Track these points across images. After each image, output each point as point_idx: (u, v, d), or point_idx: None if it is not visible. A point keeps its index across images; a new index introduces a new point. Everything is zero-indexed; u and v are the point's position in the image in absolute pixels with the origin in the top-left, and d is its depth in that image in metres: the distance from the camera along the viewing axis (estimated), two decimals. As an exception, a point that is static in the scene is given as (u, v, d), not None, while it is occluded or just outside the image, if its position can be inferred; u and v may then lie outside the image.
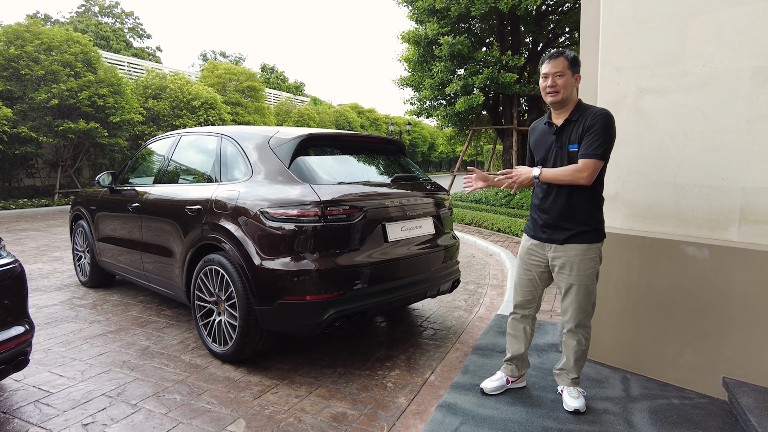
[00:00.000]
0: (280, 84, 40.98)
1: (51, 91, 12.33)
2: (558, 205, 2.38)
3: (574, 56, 2.33)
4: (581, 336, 2.46)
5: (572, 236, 2.36)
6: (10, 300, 2.35)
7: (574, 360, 2.49)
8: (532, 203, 2.56)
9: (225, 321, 3.13)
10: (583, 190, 2.33)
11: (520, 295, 2.64)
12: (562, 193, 2.36)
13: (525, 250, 2.59)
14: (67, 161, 14.02)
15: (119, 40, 34.06)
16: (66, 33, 13.20)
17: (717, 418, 2.37)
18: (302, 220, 2.81)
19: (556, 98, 2.33)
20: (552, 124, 2.44)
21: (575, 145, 2.30)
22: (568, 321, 2.46)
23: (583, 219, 2.35)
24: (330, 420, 2.49)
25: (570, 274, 2.39)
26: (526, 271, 2.59)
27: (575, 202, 2.35)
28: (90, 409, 2.57)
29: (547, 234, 2.44)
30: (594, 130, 2.24)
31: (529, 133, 2.65)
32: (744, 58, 2.45)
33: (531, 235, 2.56)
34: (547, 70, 2.33)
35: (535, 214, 2.53)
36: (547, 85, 2.34)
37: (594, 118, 2.26)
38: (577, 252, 2.36)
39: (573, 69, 2.32)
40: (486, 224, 9.42)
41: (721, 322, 2.54)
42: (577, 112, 2.35)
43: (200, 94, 16.31)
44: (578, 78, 2.36)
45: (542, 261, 2.51)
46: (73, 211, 5.25)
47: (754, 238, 2.49)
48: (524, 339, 2.67)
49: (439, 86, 12.14)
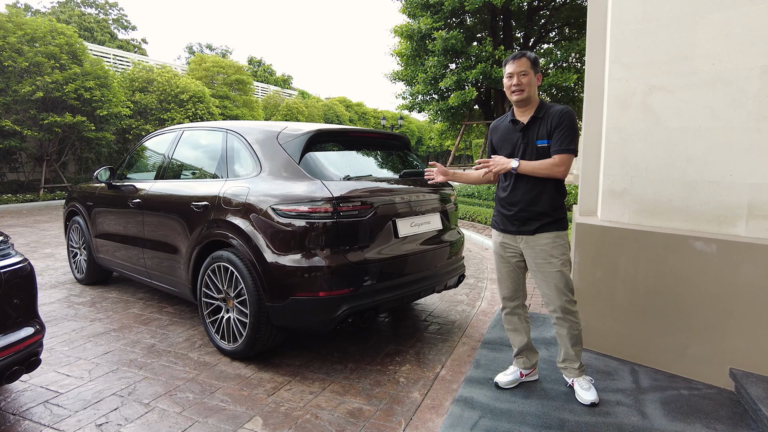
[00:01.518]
0: (267, 77, 40.55)
1: (35, 83, 12.03)
2: (527, 197, 2.47)
3: (535, 57, 2.47)
4: (570, 321, 2.52)
5: (541, 226, 2.47)
6: (20, 300, 2.31)
7: (571, 346, 2.55)
8: (498, 197, 2.65)
9: (234, 318, 3.11)
10: (550, 183, 2.45)
11: (505, 288, 2.73)
12: (529, 185, 2.46)
13: (498, 245, 2.68)
14: (52, 155, 13.71)
15: (103, 32, 33.34)
16: (50, 24, 12.86)
17: (726, 408, 2.44)
18: (314, 216, 2.80)
19: (521, 96, 2.43)
20: (517, 121, 2.53)
21: (544, 141, 2.41)
22: (554, 310, 2.54)
23: (550, 209, 2.47)
24: (347, 416, 2.50)
25: (544, 262, 2.48)
26: (505, 264, 2.68)
27: (543, 194, 2.46)
28: (102, 409, 2.53)
29: (516, 226, 2.54)
30: (563, 126, 2.37)
31: (490, 132, 2.74)
32: (753, 56, 2.49)
33: (501, 230, 2.64)
34: (511, 70, 2.44)
35: (502, 208, 2.61)
36: (512, 84, 2.44)
37: (561, 116, 2.38)
38: (548, 240, 2.47)
39: (535, 69, 2.44)
40: (479, 218, 9.48)
41: (728, 315, 2.60)
42: (542, 110, 2.46)
43: (188, 87, 16.05)
44: (539, 77, 2.49)
45: (516, 252, 2.61)
46: (68, 207, 5.15)
47: (761, 233, 2.55)
48: (523, 329, 2.74)
49: (432, 81, 12.14)
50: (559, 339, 2.61)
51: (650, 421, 2.32)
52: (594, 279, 3.08)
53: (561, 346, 2.62)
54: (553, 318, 2.57)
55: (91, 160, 16.11)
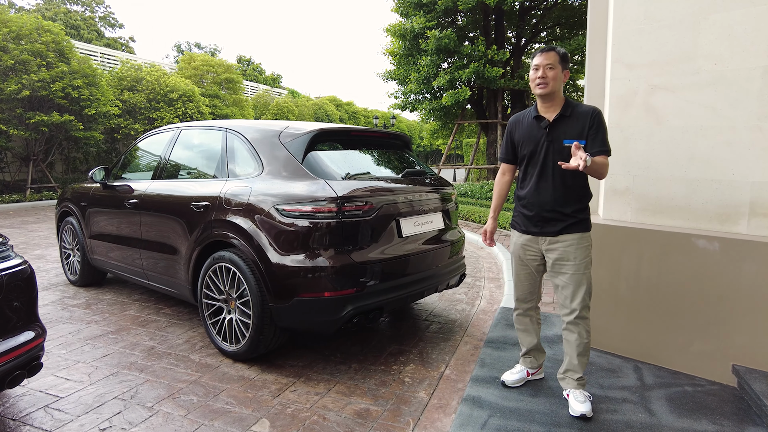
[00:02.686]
0: (257, 76, 40.27)
1: (21, 81, 11.81)
2: (551, 197, 2.39)
3: (564, 53, 2.37)
4: (581, 328, 2.41)
5: (566, 227, 2.39)
6: (21, 303, 2.26)
7: (576, 356, 2.43)
8: (519, 196, 2.55)
9: (236, 319, 3.07)
10: (577, 182, 2.38)
11: (521, 290, 2.65)
12: (555, 185, 2.39)
13: (519, 246, 2.59)
14: (38, 155, 13.46)
15: (90, 30, 32.84)
16: (36, 21, 12.62)
17: (730, 403, 2.47)
18: (319, 216, 2.78)
19: (545, 90, 2.35)
20: (542, 118, 2.43)
21: (572, 140, 2.28)
22: (568, 313, 2.43)
23: (575, 210, 2.39)
24: (354, 416, 2.48)
25: (567, 264, 2.40)
26: (524, 267, 2.60)
27: (568, 194, 2.38)
28: (105, 413, 2.49)
29: (539, 227, 2.46)
30: (600, 127, 2.32)
31: (511, 127, 2.61)
32: (755, 56, 2.52)
33: (522, 230, 2.55)
34: (538, 62, 2.35)
35: (524, 208, 2.52)
36: (537, 77, 2.36)
37: (594, 116, 2.33)
38: (572, 242, 2.39)
39: (563, 64, 2.36)
40: (473, 218, 9.51)
41: (730, 311, 2.64)
42: (568, 108, 2.38)
43: (178, 86, 15.87)
44: (567, 74, 2.39)
45: (537, 254, 2.52)
46: (60, 208, 5.06)
47: (763, 231, 2.58)
48: (534, 330, 2.70)
49: (425, 80, 12.15)
50: (566, 346, 2.50)
51: (657, 418, 2.34)
52: (597, 277, 3.09)
53: (566, 355, 2.51)
54: (564, 322, 2.47)
55: (78, 160, 15.87)
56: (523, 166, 2.54)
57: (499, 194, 2.71)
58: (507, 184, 2.71)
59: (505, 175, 2.70)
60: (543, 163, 2.42)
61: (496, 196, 2.73)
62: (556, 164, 2.35)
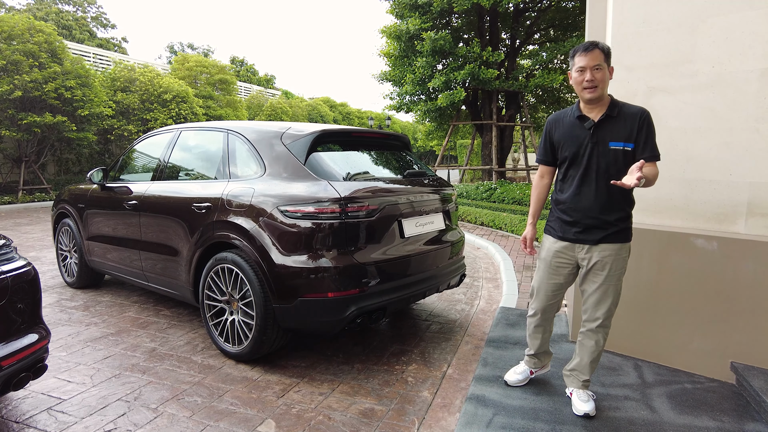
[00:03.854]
0: (250, 77, 40.15)
1: (13, 82, 11.70)
2: (595, 203, 2.26)
3: (608, 48, 2.20)
4: (600, 336, 2.37)
5: (607, 236, 2.27)
6: (25, 305, 2.25)
7: (589, 361, 2.40)
8: (558, 200, 2.41)
9: (239, 320, 3.07)
10: (621, 188, 2.17)
11: (545, 300, 2.52)
12: (599, 190, 2.25)
13: (552, 253, 2.43)
14: (31, 156, 13.35)
15: (82, 30, 32.59)
16: (28, 21, 12.52)
17: (729, 400, 2.51)
18: (322, 216, 2.79)
19: (595, 94, 2.18)
20: (586, 118, 2.27)
21: (620, 143, 2.18)
22: (591, 320, 2.36)
23: (618, 218, 2.27)
24: (359, 416, 2.50)
25: (601, 274, 2.30)
26: (553, 275, 2.45)
27: (612, 201, 2.25)
28: (109, 415, 2.48)
29: (578, 234, 2.32)
30: (651, 130, 2.19)
31: (550, 126, 2.44)
32: (753, 59, 2.57)
33: (558, 236, 2.40)
34: (584, 63, 2.17)
35: (562, 213, 2.38)
36: (585, 80, 2.17)
37: (644, 118, 2.19)
38: (611, 252, 2.28)
39: (608, 61, 2.19)
40: (469, 218, 9.56)
41: (728, 310, 2.68)
42: (615, 108, 2.23)
43: (171, 87, 15.79)
44: (612, 71, 2.24)
45: (571, 262, 2.40)
46: (57, 209, 5.02)
47: (760, 231, 2.63)
48: (545, 337, 2.66)
49: (421, 81, 12.19)
50: (579, 348, 2.45)
51: (659, 415, 2.37)
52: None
53: (576, 356, 2.47)
54: (585, 327, 2.40)
55: (71, 161, 15.74)
56: (564, 169, 2.38)
57: (538, 198, 2.56)
58: (546, 187, 2.54)
59: (543, 177, 2.53)
60: (587, 167, 2.26)
61: (535, 200, 2.57)
62: (600, 168, 2.23)
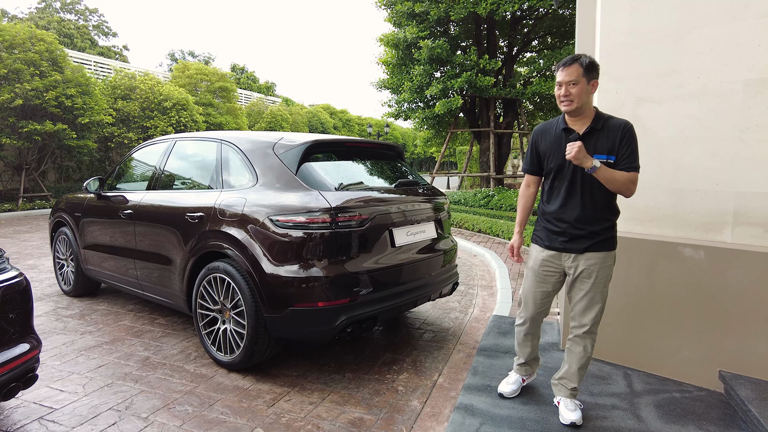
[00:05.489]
0: (250, 84, 40.36)
1: (14, 90, 11.79)
2: (580, 213, 2.32)
3: (590, 62, 2.24)
4: (588, 342, 2.41)
5: (592, 245, 2.32)
6: (17, 315, 2.27)
7: (577, 368, 2.43)
8: (544, 211, 2.47)
9: (231, 329, 3.09)
10: (607, 199, 2.31)
11: (533, 308, 2.56)
12: (584, 200, 2.31)
13: (539, 262, 2.49)
14: (31, 164, 13.42)
15: (84, 38, 32.83)
16: (29, 30, 12.63)
17: (717, 409, 2.52)
18: (312, 226, 2.82)
19: (570, 107, 2.27)
20: (571, 130, 2.34)
21: (603, 156, 2.24)
22: (579, 327, 2.41)
23: (604, 227, 2.32)
24: (348, 425, 2.51)
25: (587, 281, 2.35)
26: (541, 284, 2.51)
27: (597, 211, 2.31)
28: (100, 425, 2.50)
29: (564, 244, 2.38)
30: (632, 143, 2.25)
31: (536, 137, 2.51)
32: (737, 70, 2.60)
33: (545, 246, 2.46)
34: (560, 79, 2.27)
35: (549, 223, 2.44)
36: (561, 94, 2.28)
37: (626, 131, 2.25)
38: (597, 260, 2.33)
39: (588, 75, 2.24)
40: (467, 225, 9.57)
41: (716, 319, 2.69)
42: (599, 121, 2.29)
43: (171, 94, 15.89)
44: (595, 84, 2.29)
45: (558, 270, 2.45)
46: (54, 218, 5.06)
47: (746, 240, 2.65)
48: (535, 344, 2.69)
49: (418, 89, 12.26)
50: (567, 355, 2.49)
51: (646, 424, 2.38)
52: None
53: (565, 363, 2.51)
54: (573, 334, 2.45)
55: (71, 169, 15.80)
56: (550, 180, 2.44)
57: (524, 207, 2.62)
58: (532, 196, 2.61)
59: (530, 187, 2.60)
60: (572, 179, 2.33)
61: (521, 209, 2.63)
62: (585, 180, 2.29)
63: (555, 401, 2.55)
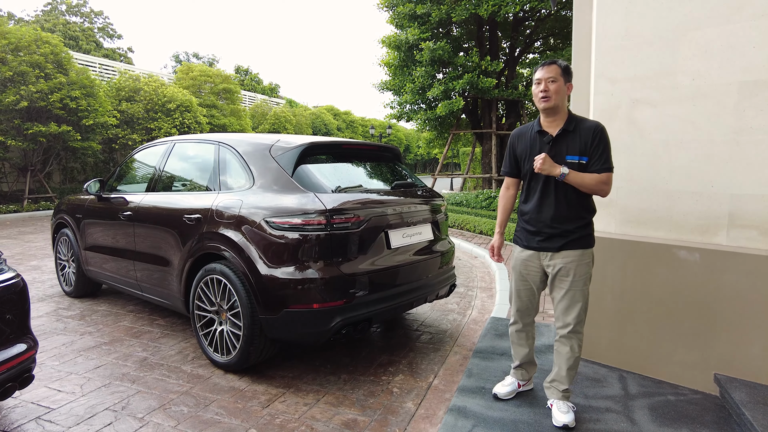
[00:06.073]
0: (254, 86, 40.54)
1: (20, 92, 11.91)
2: (554, 213, 2.40)
3: (566, 65, 2.37)
4: (575, 342, 2.44)
5: (567, 243, 2.39)
6: (13, 316, 2.30)
7: (566, 369, 2.45)
8: (522, 211, 2.56)
9: (227, 330, 3.11)
10: (579, 199, 2.39)
11: (520, 306, 2.64)
12: (557, 201, 2.39)
13: (520, 262, 2.58)
14: (36, 165, 13.54)
15: (89, 40, 33.07)
16: (35, 33, 12.75)
17: (711, 412, 2.51)
18: (308, 228, 2.83)
19: (548, 104, 2.34)
20: (545, 133, 2.43)
21: (575, 157, 2.32)
22: (563, 327, 2.45)
23: (578, 225, 2.39)
24: (342, 427, 2.52)
25: (566, 279, 2.41)
26: (524, 282, 2.59)
27: (571, 210, 2.39)
28: (96, 425, 2.52)
29: (541, 243, 2.46)
30: (603, 143, 2.32)
31: (513, 140, 2.61)
32: (731, 73, 2.60)
33: (524, 246, 2.55)
34: (540, 76, 2.36)
35: (526, 223, 2.53)
36: (539, 90, 2.36)
37: (597, 132, 2.33)
38: (573, 258, 2.39)
39: (565, 77, 2.35)
40: (468, 227, 9.57)
41: (712, 321, 2.68)
42: (572, 123, 2.38)
43: (175, 96, 15.99)
44: (570, 87, 2.40)
45: (538, 269, 2.53)
46: (56, 219, 5.10)
47: (741, 242, 2.64)
48: (529, 344, 2.70)
49: (420, 90, 12.27)
50: (556, 357, 2.51)
51: (639, 427, 2.38)
52: (582, 287, 3.15)
53: (555, 365, 2.53)
54: (558, 334, 2.48)
55: (76, 170, 15.94)
56: (527, 181, 2.53)
57: (504, 208, 2.70)
58: (512, 198, 2.68)
59: (509, 189, 2.68)
60: (546, 179, 2.41)
61: (501, 210, 2.71)
62: (559, 181, 2.36)
63: (548, 404, 2.56)
